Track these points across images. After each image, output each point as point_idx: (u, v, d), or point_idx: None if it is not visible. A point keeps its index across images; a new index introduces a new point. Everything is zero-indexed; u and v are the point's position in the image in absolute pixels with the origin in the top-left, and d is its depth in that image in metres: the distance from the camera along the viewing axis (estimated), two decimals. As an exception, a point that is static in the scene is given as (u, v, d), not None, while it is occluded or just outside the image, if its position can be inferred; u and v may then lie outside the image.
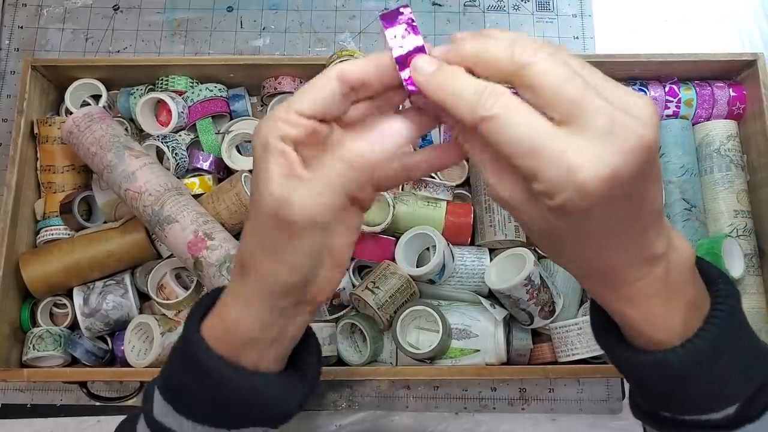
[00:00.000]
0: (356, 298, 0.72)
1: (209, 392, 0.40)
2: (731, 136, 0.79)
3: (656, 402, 0.40)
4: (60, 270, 0.73)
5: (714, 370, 0.36)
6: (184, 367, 0.41)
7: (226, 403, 0.40)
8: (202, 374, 0.39)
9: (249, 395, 0.40)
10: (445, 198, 0.77)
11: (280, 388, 0.41)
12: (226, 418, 0.42)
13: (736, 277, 0.72)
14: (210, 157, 0.80)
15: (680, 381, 0.36)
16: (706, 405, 0.37)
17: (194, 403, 0.41)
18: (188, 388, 0.40)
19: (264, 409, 0.41)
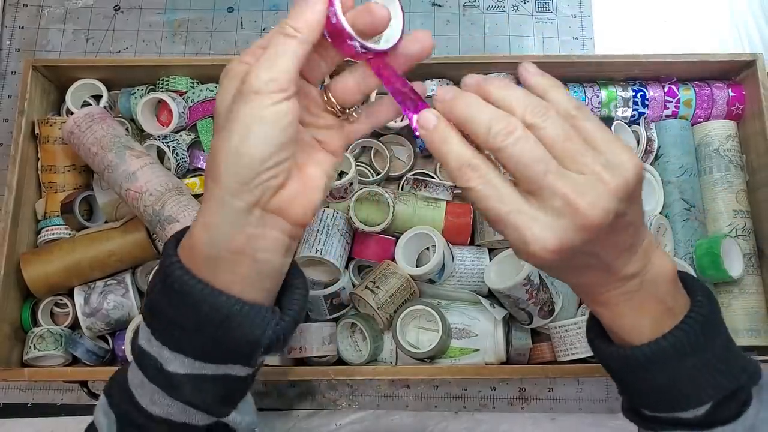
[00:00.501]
0: (356, 297, 0.72)
1: (181, 312, 0.39)
2: (730, 136, 0.79)
3: (632, 396, 0.44)
4: (61, 270, 0.73)
5: (679, 370, 0.40)
6: (162, 289, 0.40)
7: (197, 326, 0.39)
8: (173, 291, 0.39)
9: (217, 315, 0.38)
10: (444, 198, 0.77)
11: (252, 313, 0.39)
12: (197, 345, 0.40)
13: (735, 277, 0.72)
14: (210, 157, 0.80)
15: (645, 374, 0.41)
16: (673, 402, 0.41)
17: (171, 328, 0.40)
18: (164, 310, 0.40)
19: (236, 335, 0.39)
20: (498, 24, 0.93)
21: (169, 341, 0.41)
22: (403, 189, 0.80)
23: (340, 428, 0.79)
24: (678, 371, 0.40)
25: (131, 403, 0.43)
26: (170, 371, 0.41)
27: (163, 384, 0.41)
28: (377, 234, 0.75)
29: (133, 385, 0.43)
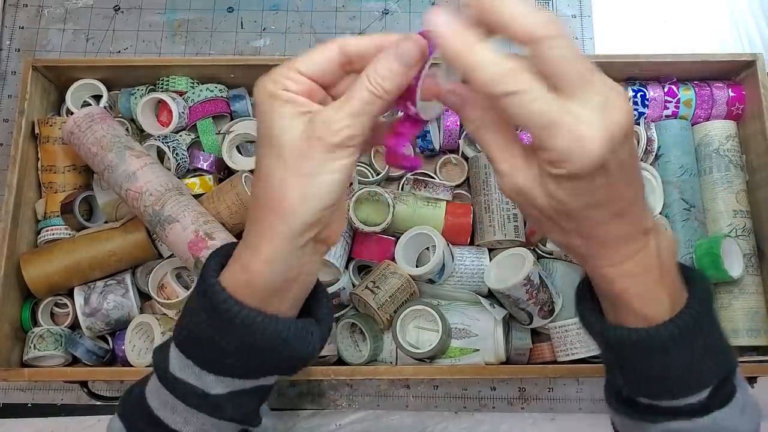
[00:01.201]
0: (356, 297, 0.72)
1: (236, 342, 0.41)
2: (730, 136, 0.79)
3: (636, 384, 0.43)
4: (61, 270, 0.73)
5: (693, 349, 0.40)
6: (210, 321, 0.41)
7: (252, 351, 0.41)
8: (230, 325, 0.40)
9: (274, 341, 0.41)
10: (444, 198, 0.77)
11: (302, 332, 0.42)
12: (249, 367, 0.43)
13: (735, 277, 0.72)
14: (210, 157, 0.80)
15: (663, 356, 0.40)
16: (683, 386, 0.41)
17: (218, 356, 0.42)
18: (214, 341, 0.41)
19: (287, 354, 0.42)
20: (498, 24, 0.93)
21: (214, 367, 0.43)
22: (403, 189, 0.80)
23: (340, 428, 0.79)
24: (693, 350, 0.40)
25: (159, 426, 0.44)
26: (213, 394, 0.43)
27: (205, 407, 0.43)
28: (377, 234, 0.75)
29: (159, 409, 0.44)
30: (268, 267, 0.40)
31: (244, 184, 0.73)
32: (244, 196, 0.73)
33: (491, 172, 0.76)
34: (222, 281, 0.41)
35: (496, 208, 0.75)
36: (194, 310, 0.42)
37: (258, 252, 0.40)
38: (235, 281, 0.41)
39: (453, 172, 0.83)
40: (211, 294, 0.40)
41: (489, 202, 0.75)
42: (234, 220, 0.74)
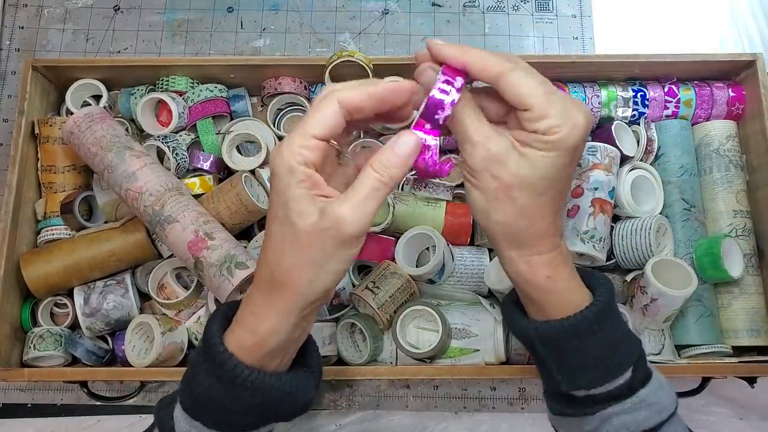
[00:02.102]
0: (356, 297, 0.72)
1: (244, 402, 0.44)
2: (730, 136, 0.79)
3: (572, 375, 0.48)
4: (61, 270, 0.73)
5: (613, 330, 0.47)
6: (218, 385, 0.44)
7: (258, 408, 0.45)
8: (239, 388, 0.44)
9: (280, 397, 0.45)
10: (444, 198, 0.77)
11: (302, 384, 0.47)
12: (255, 421, 0.47)
13: (735, 277, 0.72)
14: (210, 157, 0.80)
15: (592, 338, 0.46)
16: (611, 367, 0.47)
17: (225, 415, 0.45)
18: (222, 404, 0.44)
19: (289, 405, 0.47)
20: (498, 24, 0.93)
21: (220, 426, 0.46)
22: (403, 189, 0.80)
23: (340, 428, 0.79)
24: (613, 334, 0.47)
25: None
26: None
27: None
28: (377, 234, 0.75)
29: None
30: (274, 336, 0.44)
31: (244, 184, 0.73)
32: (243, 196, 0.72)
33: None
34: (227, 344, 0.44)
35: (496, 208, 0.75)
36: (201, 374, 0.45)
37: (265, 321, 0.44)
38: (241, 345, 0.44)
39: (453, 172, 0.83)
40: (219, 360, 0.44)
41: (489, 202, 0.75)
42: (234, 220, 0.74)
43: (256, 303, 0.45)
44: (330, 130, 0.42)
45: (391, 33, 0.92)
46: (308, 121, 0.42)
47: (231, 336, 0.45)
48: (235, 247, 0.68)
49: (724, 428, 0.78)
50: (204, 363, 0.45)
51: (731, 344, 0.74)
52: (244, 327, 0.45)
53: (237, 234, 0.75)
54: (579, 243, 0.71)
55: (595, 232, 0.71)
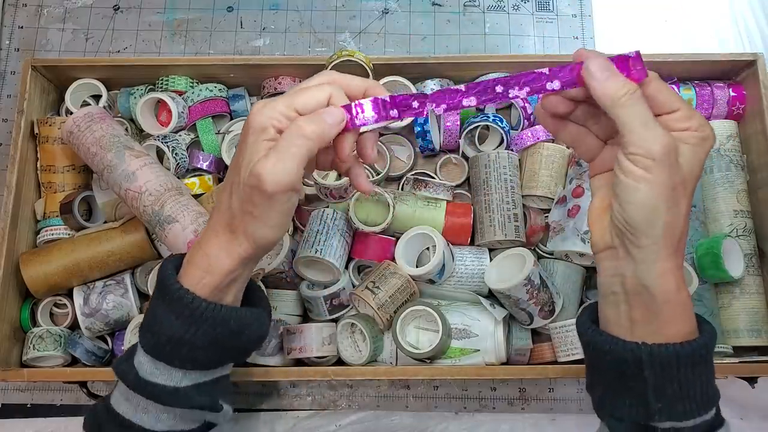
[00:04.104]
0: (356, 297, 0.72)
1: (206, 335, 0.48)
2: (731, 136, 0.79)
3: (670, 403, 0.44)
4: (60, 270, 0.73)
5: (713, 362, 0.45)
6: (180, 320, 0.48)
7: (219, 340, 0.49)
8: (201, 321, 0.48)
9: (239, 327, 0.50)
10: (445, 198, 0.77)
11: (258, 317, 0.52)
12: (215, 357, 0.51)
13: (735, 277, 0.72)
14: (210, 157, 0.80)
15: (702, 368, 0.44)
16: (706, 401, 0.45)
17: (188, 352, 0.49)
18: (183, 340, 0.48)
19: (247, 338, 0.52)
20: (498, 24, 0.93)
21: (183, 363, 0.50)
22: (403, 189, 0.80)
23: (340, 429, 0.79)
24: (712, 367, 0.45)
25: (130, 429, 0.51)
26: (182, 387, 0.50)
27: (176, 401, 0.50)
28: (377, 234, 0.75)
29: (130, 414, 0.51)
30: (229, 275, 0.49)
31: (244, 184, 0.73)
32: (243, 196, 0.72)
33: (491, 172, 0.76)
34: (185, 282, 0.48)
35: (496, 208, 0.74)
36: (160, 314, 0.49)
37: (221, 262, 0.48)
38: (197, 282, 0.48)
39: (453, 172, 0.82)
40: (177, 295, 0.48)
41: (489, 202, 0.75)
42: (234, 220, 0.73)
43: (208, 242, 0.49)
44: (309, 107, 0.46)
45: (391, 32, 0.92)
46: (298, 96, 0.46)
47: (185, 276, 0.49)
48: (235, 247, 0.68)
49: (725, 428, 0.78)
50: (162, 303, 0.49)
51: (732, 344, 0.73)
52: (201, 267, 0.49)
53: (237, 234, 0.75)
54: (579, 243, 0.71)
55: (595, 232, 0.71)
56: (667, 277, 0.43)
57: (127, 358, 0.52)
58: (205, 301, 0.48)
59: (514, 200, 0.75)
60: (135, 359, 0.51)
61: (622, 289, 0.45)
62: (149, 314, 0.51)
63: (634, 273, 0.44)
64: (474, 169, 0.78)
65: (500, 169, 0.76)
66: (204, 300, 0.48)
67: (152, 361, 0.50)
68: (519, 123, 0.80)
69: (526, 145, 0.79)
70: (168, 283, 0.49)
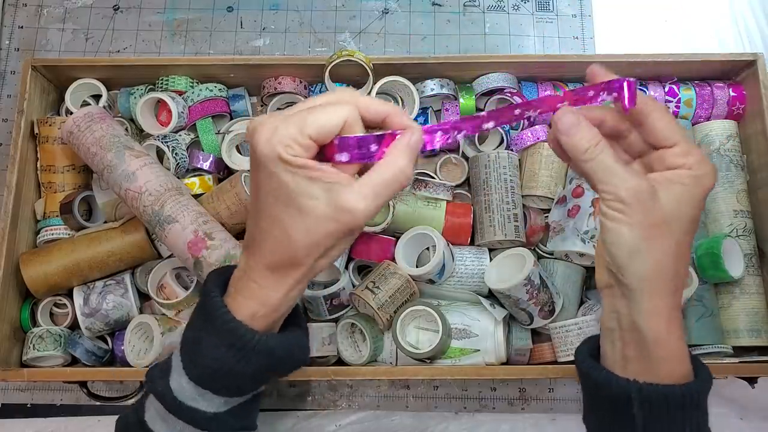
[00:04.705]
0: (356, 298, 0.72)
1: (255, 367, 0.47)
2: (731, 136, 0.79)
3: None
4: (60, 270, 0.73)
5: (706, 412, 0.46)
6: (231, 352, 0.46)
7: (267, 371, 0.48)
8: (253, 354, 0.46)
9: (285, 355, 0.48)
10: (445, 198, 0.77)
11: (301, 341, 0.51)
12: (260, 382, 0.50)
13: (735, 277, 0.72)
14: (210, 157, 0.80)
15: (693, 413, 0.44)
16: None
17: (234, 382, 0.48)
18: (232, 371, 0.46)
19: (292, 362, 0.50)
20: (498, 24, 0.93)
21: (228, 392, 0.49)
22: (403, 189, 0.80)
23: (340, 429, 0.79)
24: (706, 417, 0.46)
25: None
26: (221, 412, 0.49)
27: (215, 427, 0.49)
28: (377, 234, 0.75)
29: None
30: (283, 305, 0.47)
31: (244, 184, 0.73)
32: (243, 195, 0.72)
33: (491, 172, 0.76)
34: (234, 314, 0.46)
35: (496, 208, 0.74)
36: (208, 346, 0.47)
37: (275, 293, 0.46)
38: (252, 315, 0.46)
39: (453, 172, 0.82)
40: (229, 328, 0.46)
41: (489, 202, 0.75)
42: (233, 220, 0.73)
43: (264, 278, 0.46)
44: (326, 135, 0.42)
45: (391, 32, 0.92)
46: (311, 118, 0.42)
47: (236, 306, 0.47)
48: (235, 247, 0.68)
49: (725, 428, 0.78)
50: (211, 333, 0.47)
51: (732, 344, 0.73)
52: (255, 299, 0.46)
53: (237, 234, 0.75)
54: (579, 243, 0.71)
55: (595, 232, 0.71)
56: (658, 318, 0.44)
57: (163, 376, 0.49)
58: (258, 334, 0.46)
59: (514, 200, 0.75)
60: (173, 381, 0.49)
61: (617, 326, 0.46)
62: (194, 341, 0.48)
63: (627, 311, 0.45)
64: (474, 169, 0.78)
65: (500, 169, 0.76)
66: (257, 333, 0.46)
67: (195, 388, 0.48)
68: (519, 123, 0.80)
69: (526, 145, 0.79)
70: (218, 314, 0.46)
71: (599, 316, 0.71)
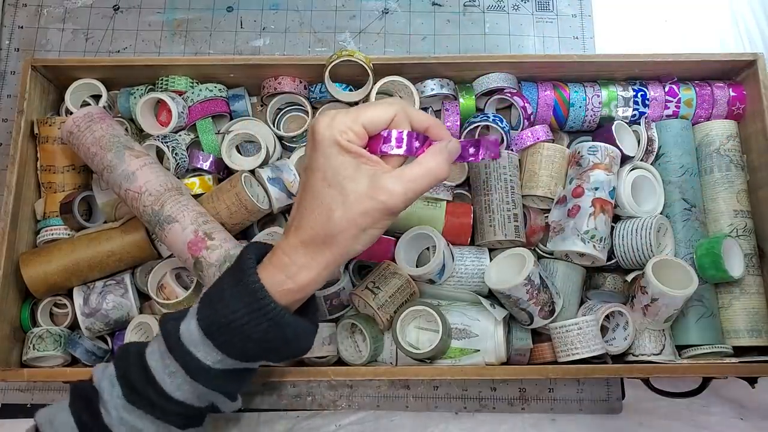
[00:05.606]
0: (356, 298, 0.72)
1: (263, 334, 0.50)
2: (731, 136, 0.79)
3: None
4: (60, 270, 0.73)
5: None
6: (246, 310, 0.49)
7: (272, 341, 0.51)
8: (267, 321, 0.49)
9: (291, 337, 0.51)
10: (445, 198, 0.77)
11: (309, 333, 0.54)
12: (260, 353, 0.52)
13: (736, 277, 0.72)
14: (210, 157, 0.80)
15: None
16: None
17: (239, 341, 0.50)
18: (242, 330, 0.49)
19: (293, 348, 0.53)
20: (498, 24, 0.93)
21: (229, 349, 0.51)
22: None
23: (340, 429, 0.79)
24: None
25: (149, 383, 0.52)
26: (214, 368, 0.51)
27: (203, 378, 0.51)
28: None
29: (157, 370, 0.52)
30: (311, 285, 0.51)
31: (244, 184, 0.73)
32: (243, 196, 0.72)
33: (491, 172, 0.76)
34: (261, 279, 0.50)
35: (496, 208, 0.74)
36: (230, 297, 0.50)
37: (307, 272, 0.50)
38: (277, 284, 0.50)
39: (453, 172, 0.82)
40: (252, 288, 0.49)
41: (489, 202, 0.75)
42: (233, 220, 0.73)
43: (298, 254, 0.50)
44: (377, 127, 0.49)
45: (390, 32, 0.92)
46: (365, 111, 0.49)
47: (265, 274, 0.50)
48: (235, 247, 0.68)
49: (725, 428, 0.78)
50: (235, 288, 0.50)
51: (732, 344, 0.73)
52: (284, 272, 0.50)
53: (237, 234, 0.75)
54: (579, 243, 0.71)
55: (595, 232, 0.71)
56: None
57: (177, 318, 0.53)
58: (274, 302, 0.49)
59: (514, 200, 0.75)
60: (183, 324, 0.52)
61: None
62: (217, 290, 0.52)
63: None
64: (474, 169, 0.78)
65: (500, 169, 0.76)
66: (274, 301, 0.49)
67: (200, 335, 0.51)
68: (519, 123, 0.80)
69: (526, 145, 0.79)
70: (247, 273, 0.50)
71: (599, 316, 0.71)
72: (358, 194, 0.48)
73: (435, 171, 0.50)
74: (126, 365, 0.53)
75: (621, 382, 0.80)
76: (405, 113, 0.50)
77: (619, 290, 0.74)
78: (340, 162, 0.48)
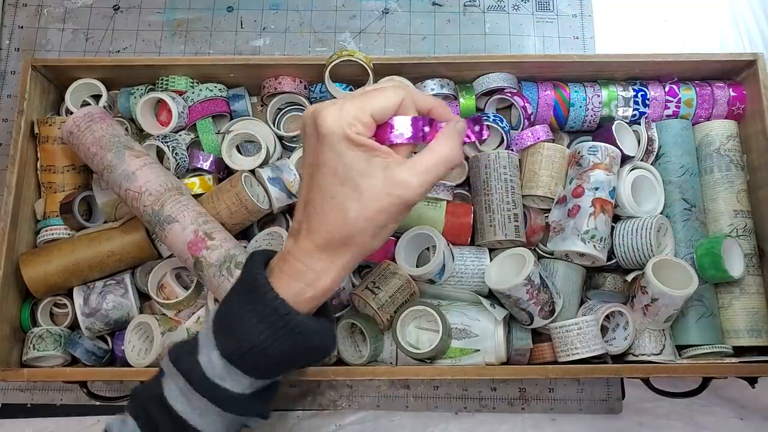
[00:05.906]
0: (356, 297, 0.72)
1: (290, 347, 0.47)
2: (731, 136, 0.79)
3: None
4: (60, 270, 0.73)
5: None
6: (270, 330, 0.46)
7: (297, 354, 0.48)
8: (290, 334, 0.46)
9: (317, 343, 0.48)
10: (445, 198, 0.77)
11: (332, 333, 0.51)
12: (287, 367, 0.50)
13: (736, 277, 0.72)
14: (210, 157, 0.80)
15: None
16: None
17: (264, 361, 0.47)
18: (266, 351, 0.46)
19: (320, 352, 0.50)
20: (498, 24, 0.93)
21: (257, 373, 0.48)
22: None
23: (340, 429, 0.79)
24: None
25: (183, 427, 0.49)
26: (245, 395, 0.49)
27: (236, 408, 0.49)
28: (377, 234, 0.75)
29: (186, 413, 0.49)
30: (331, 289, 0.48)
31: (244, 184, 0.73)
32: (243, 196, 0.72)
33: (491, 172, 0.76)
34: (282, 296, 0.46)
35: (496, 208, 0.74)
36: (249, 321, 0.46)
37: (326, 276, 0.47)
38: (297, 295, 0.47)
39: (453, 172, 0.82)
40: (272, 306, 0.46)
41: (489, 202, 0.75)
42: (234, 220, 0.73)
43: (313, 259, 0.47)
44: (385, 115, 0.46)
45: (391, 32, 0.92)
46: (371, 99, 0.45)
47: (280, 284, 0.47)
48: (235, 247, 0.68)
49: (725, 428, 0.78)
50: (253, 308, 0.46)
51: (732, 344, 0.73)
52: (301, 280, 0.47)
53: (237, 234, 0.75)
54: (580, 243, 0.71)
55: (595, 231, 0.71)
56: None
57: (190, 352, 0.49)
58: (299, 315, 0.46)
59: (514, 200, 0.75)
60: (202, 357, 0.48)
61: None
62: (232, 314, 0.48)
63: None
64: (474, 169, 0.78)
65: (500, 169, 0.76)
66: (298, 314, 0.46)
67: (225, 366, 0.47)
68: (519, 123, 0.80)
69: (526, 145, 0.79)
70: (262, 289, 0.46)
71: (599, 316, 0.71)
72: (373, 191, 0.45)
73: (449, 156, 0.47)
74: (148, 416, 0.50)
75: (621, 382, 0.80)
76: (411, 97, 0.47)
77: (619, 290, 0.74)
78: (351, 157, 0.44)
